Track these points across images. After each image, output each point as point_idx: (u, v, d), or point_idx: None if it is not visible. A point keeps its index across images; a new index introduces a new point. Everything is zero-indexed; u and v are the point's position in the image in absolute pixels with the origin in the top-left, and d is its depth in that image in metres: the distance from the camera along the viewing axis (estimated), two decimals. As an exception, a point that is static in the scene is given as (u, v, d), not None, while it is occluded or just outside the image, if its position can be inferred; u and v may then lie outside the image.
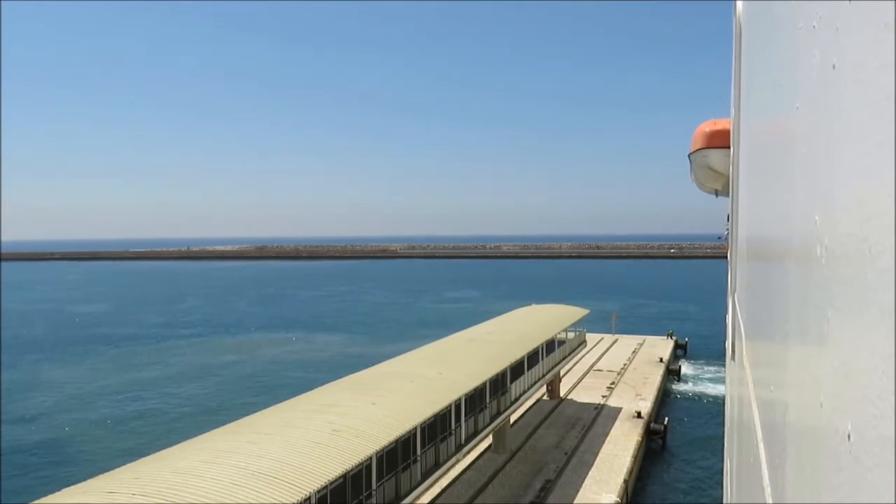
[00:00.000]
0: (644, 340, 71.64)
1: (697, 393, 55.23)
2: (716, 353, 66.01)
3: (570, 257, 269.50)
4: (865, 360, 0.93)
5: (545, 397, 48.13)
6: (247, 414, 24.16)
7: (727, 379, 12.75)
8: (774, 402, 2.51)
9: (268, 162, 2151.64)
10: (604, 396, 48.67)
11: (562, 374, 49.98)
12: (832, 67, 1.24)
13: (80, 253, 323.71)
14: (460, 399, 27.95)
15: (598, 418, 43.38)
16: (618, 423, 42.20)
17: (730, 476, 7.91)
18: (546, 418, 43.56)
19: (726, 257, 19.44)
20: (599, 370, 57.75)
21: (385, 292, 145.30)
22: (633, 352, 65.43)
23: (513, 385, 34.82)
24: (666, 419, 44.71)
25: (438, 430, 26.15)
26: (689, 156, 19.20)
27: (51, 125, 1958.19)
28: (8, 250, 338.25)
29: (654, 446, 42.36)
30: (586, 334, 52.21)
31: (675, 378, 59.38)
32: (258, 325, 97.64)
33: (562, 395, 48.95)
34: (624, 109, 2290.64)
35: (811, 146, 1.55)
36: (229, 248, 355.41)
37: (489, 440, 36.40)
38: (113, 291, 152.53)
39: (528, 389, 37.57)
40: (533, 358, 38.71)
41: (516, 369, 35.65)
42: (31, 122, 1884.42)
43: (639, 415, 43.21)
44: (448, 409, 26.87)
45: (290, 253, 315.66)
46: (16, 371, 66.73)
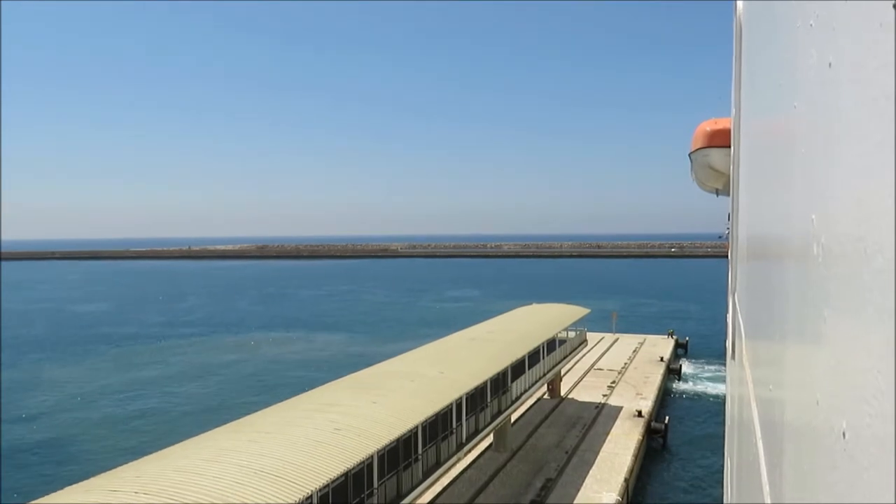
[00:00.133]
0: (645, 339, 71.64)
1: (698, 392, 55.25)
2: (716, 353, 66.04)
3: (570, 256, 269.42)
4: (861, 360, 0.94)
5: (546, 396, 48.17)
6: (248, 413, 24.20)
7: (727, 378, 12.77)
8: (773, 401, 2.51)
9: (268, 162, 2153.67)
10: (604, 395, 48.70)
11: (562, 373, 50.01)
12: (829, 66, 1.24)
13: (81, 252, 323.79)
14: (461, 398, 27.99)
15: (598, 417, 43.41)
16: (618, 422, 42.22)
17: (730, 475, 7.93)
18: (547, 417, 43.60)
19: (727, 256, 19.45)
20: (600, 369, 57.78)
21: (386, 291, 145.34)
22: (634, 351, 65.45)
23: (514, 384, 34.85)
24: (667, 418, 44.75)
25: (439, 429, 26.19)
26: (689, 155, 19.22)
27: (51, 125, 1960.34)
28: (8, 250, 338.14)
29: (655, 445, 42.40)
30: (587, 333, 52.23)
31: (676, 377, 59.39)
32: (259, 325, 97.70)
33: (562, 394, 48.99)
34: (624, 109, 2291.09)
35: (808, 145, 1.56)
36: (230, 247, 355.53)
37: (490, 439, 36.45)
38: (114, 291, 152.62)
39: (529, 388, 37.60)
40: (534, 357, 38.74)
41: (517, 368, 35.69)
42: (31, 122, 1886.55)
43: (639, 414, 43.23)
44: (449, 408, 26.91)
45: (290, 252, 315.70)
46: (17, 370, 66.82)
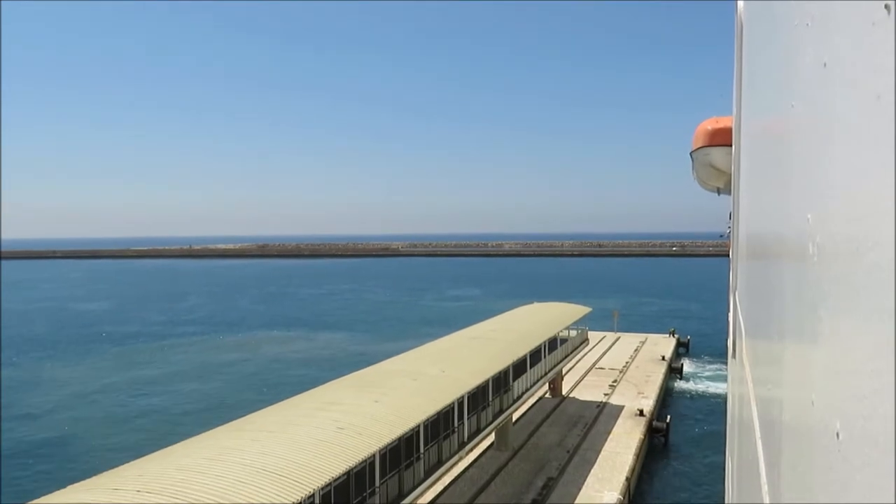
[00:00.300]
0: (646, 338, 71.63)
1: (699, 391, 55.25)
2: (718, 351, 66.06)
3: (571, 255, 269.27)
4: (855, 360, 0.94)
5: (547, 395, 48.19)
6: (250, 412, 24.21)
7: (729, 377, 12.77)
8: (771, 401, 2.53)
9: (268, 161, 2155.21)
10: (606, 394, 48.71)
11: (564, 372, 50.01)
12: (823, 66, 1.24)
13: (83, 251, 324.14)
14: (463, 397, 28.02)
15: (600, 416, 43.43)
16: (620, 421, 42.24)
17: (731, 474, 7.94)
18: (548, 416, 43.62)
19: (728, 255, 19.45)
20: (601, 368, 57.79)
21: (387, 290, 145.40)
22: (636, 350, 65.44)
23: (515, 383, 34.87)
24: (668, 417, 44.77)
25: (441, 428, 26.22)
26: (691, 154, 19.24)
27: (51, 125, 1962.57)
28: (8, 249, 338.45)
29: (657, 444, 42.41)
30: (588, 332, 52.24)
31: (678, 376, 59.38)
32: (260, 324, 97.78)
33: (564, 393, 49.00)
34: (624, 109, 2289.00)
35: (805, 145, 1.57)
36: (231, 246, 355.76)
37: (491, 438, 36.47)
38: (115, 289, 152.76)
39: (531, 387, 37.61)
40: (535, 356, 38.75)
41: (519, 367, 35.70)
42: (31, 122, 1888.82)
43: (641, 413, 43.24)
44: (451, 406, 26.94)
45: (291, 251, 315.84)
46: (19, 369, 66.95)
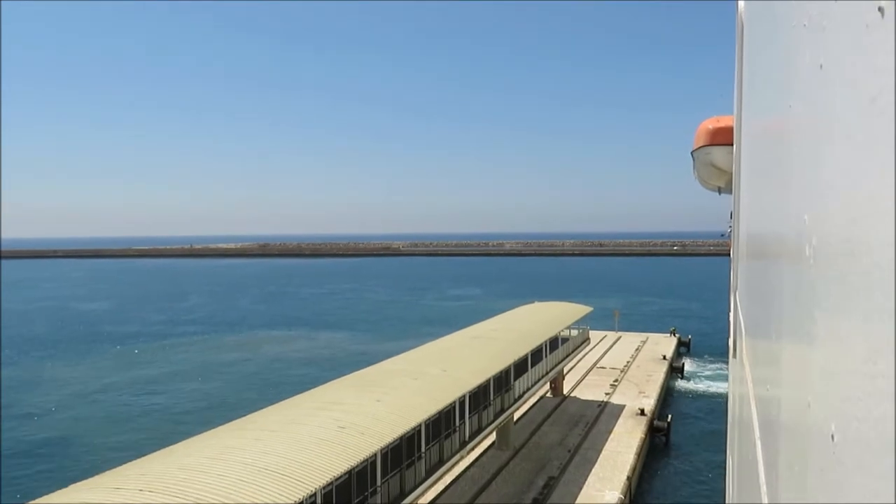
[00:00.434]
0: (647, 338, 71.65)
1: (700, 390, 55.27)
2: (719, 351, 66.08)
3: (572, 255, 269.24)
4: (850, 362, 0.94)
5: (548, 395, 48.22)
6: (252, 411, 24.26)
7: (729, 377, 12.77)
8: (770, 401, 2.54)
9: (269, 161, 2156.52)
10: (607, 394, 48.73)
11: (565, 371, 50.03)
12: (819, 67, 1.24)
13: (84, 251, 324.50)
14: (464, 396, 28.06)
15: (601, 416, 43.45)
16: (621, 420, 42.26)
17: (731, 474, 7.96)
18: (549, 415, 43.65)
19: (729, 255, 19.44)
20: (602, 367, 57.80)
21: (388, 290, 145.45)
22: (637, 349, 65.45)
23: (516, 382, 34.90)
24: (669, 416, 44.80)
25: (442, 427, 26.26)
26: (692, 153, 19.22)
27: (51, 125, 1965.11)
28: (8, 248, 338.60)
29: (658, 443, 42.44)
30: (589, 332, 52.25)
31: (679, 375, 59.38)
32: (261, 323, 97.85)
33: (565, 392, 49.03)
34: (624, 109, 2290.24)
35: (802, 145, 1.57)
36: (232, 245, 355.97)
37: (493, 437, 36.52)
38: (117, 289, 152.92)
39: (532, 387, 37.64)
40: (536, 355, 38.78)
41: (520, 367, 35.73)
42: (32, 122, 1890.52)
43: (642, 412, 43.26)
44: (452, 406, 26.98)
45: (292, 250, 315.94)
46: (20, 368, 67.04)
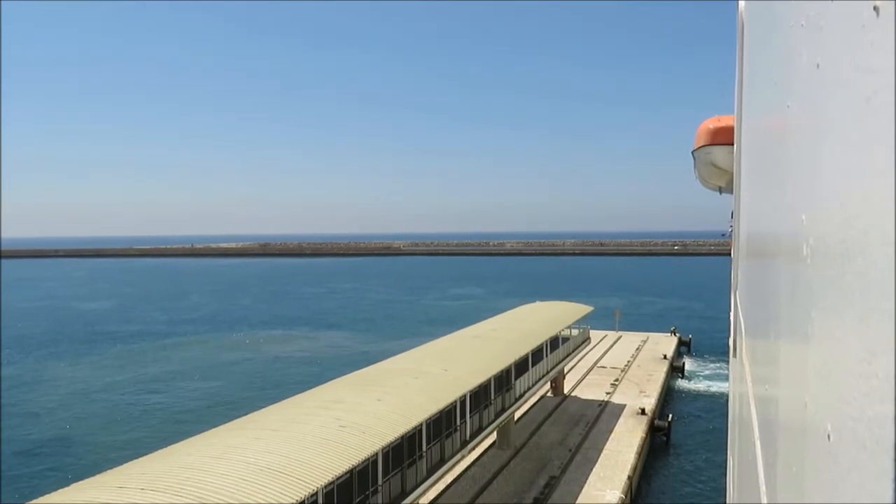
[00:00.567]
0: (648, 337, 71.64)
1: (701, 390, 55.26)
2: (719, 350, 66.07)
3: (573, 254, 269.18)
4: (844, 362, 0.95)
5: (549, 394, 48.23)
6: (253, 410, 24.32)
7: (730, 376, 12.79)
8: (769, 401, 2.55)
9: (269, 161, 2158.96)
10: (608, 393, 48.74)
11: (566, 370, 50.05)
12: (816, 67, 1.25)
13: (85, 250, 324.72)
14: (465, 395, 28.08)
15: (601, 415, 43.47)
16: (622, 419, 42.27)
17: (731, 473, 7.97)
18: (550, 415, 43.66)
19: (730, 254, 19.46)
20: (603, 367, 57.80)
21: (389, 289, 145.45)
22: (637, 349, 65.46)
23: (517, 382, 34.92)
24: (670, 416, 44.82)
25: (443, 427, 26.29)
26: (692, 153, 19.22)
27: (51, 124, 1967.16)
28: (8, 247, 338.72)
29: (659, 443, 42.45)
30: (590, 331, 52.26)
31: (679, 375, 59.38)
32: (262, 322, 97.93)
33: (566, 391, 49.05)
34: (625, 108, 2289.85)
35: (799, 145, 1.58)
36: (233, 245, 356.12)
37: (493, 437, 36.53)
38: (118, 288, 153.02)
39: (533, 386, 37.66)
40: (537, 355, 38.80)
41: (520, 366, 35.75)
42: (32, 121, 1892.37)
43: (643, 411, 43.28)
44: (453, 405, 27.01)
45: (293, 250, 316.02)
46: (21, 367, 67.12)
